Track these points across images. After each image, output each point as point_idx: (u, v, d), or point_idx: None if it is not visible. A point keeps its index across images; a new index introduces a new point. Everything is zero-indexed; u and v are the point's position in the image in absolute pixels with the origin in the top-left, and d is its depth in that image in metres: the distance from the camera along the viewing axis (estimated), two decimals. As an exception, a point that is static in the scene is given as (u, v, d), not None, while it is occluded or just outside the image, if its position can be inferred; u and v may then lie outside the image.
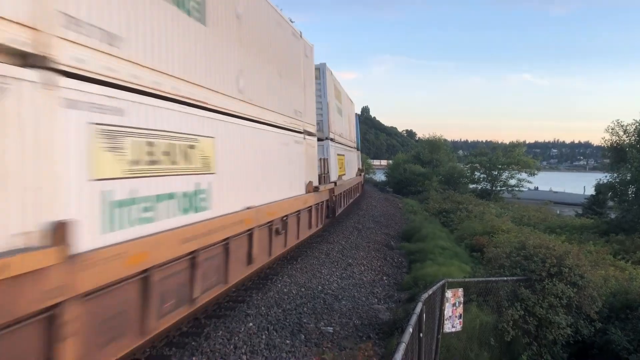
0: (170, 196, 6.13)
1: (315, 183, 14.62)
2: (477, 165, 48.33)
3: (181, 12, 6.47)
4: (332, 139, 19.26)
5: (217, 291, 7.89)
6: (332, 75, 20.22)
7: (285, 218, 11.41)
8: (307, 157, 13.87)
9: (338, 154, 21.31)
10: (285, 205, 11.28)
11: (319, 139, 17.44)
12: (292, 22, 12.81)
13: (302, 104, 13.60)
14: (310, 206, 14.10)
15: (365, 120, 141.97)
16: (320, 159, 17.06)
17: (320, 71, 18.08)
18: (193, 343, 7.32)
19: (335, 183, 18.56)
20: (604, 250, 16.56)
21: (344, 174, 22.93)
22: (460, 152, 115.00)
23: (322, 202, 15.86)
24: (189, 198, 6.62)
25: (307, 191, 13.45)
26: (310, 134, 14.33)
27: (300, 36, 13.74)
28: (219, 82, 7.75)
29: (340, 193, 20.57)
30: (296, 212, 12.46)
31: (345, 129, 25.74)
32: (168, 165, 6.10)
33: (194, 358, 6.86)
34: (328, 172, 17.79)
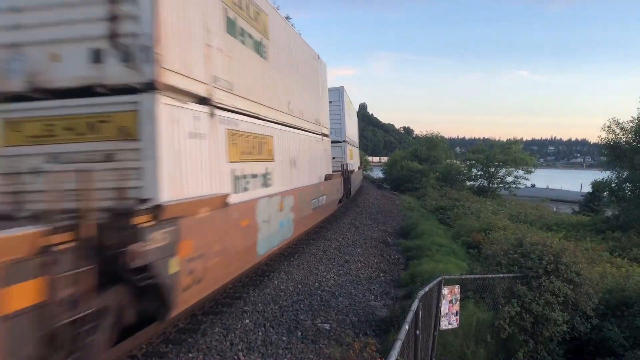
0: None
1: None
2: (474, 162, 48.35)
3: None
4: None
5: None
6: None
7: None
8: None
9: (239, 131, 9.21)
10: None
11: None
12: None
13: None
14: None
15: (363, 117, 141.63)
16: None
17: None
18: (189, 340, 7.32)
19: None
20: (600, 247, 16.59)
21: (270, 186, 10.87)
22: (458, 149, 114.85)
23: None
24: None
25: None
26: None
27: None
28: None
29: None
30: None
31: (288, 88, 13.19)
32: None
33: (190, 355, 6.85)
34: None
